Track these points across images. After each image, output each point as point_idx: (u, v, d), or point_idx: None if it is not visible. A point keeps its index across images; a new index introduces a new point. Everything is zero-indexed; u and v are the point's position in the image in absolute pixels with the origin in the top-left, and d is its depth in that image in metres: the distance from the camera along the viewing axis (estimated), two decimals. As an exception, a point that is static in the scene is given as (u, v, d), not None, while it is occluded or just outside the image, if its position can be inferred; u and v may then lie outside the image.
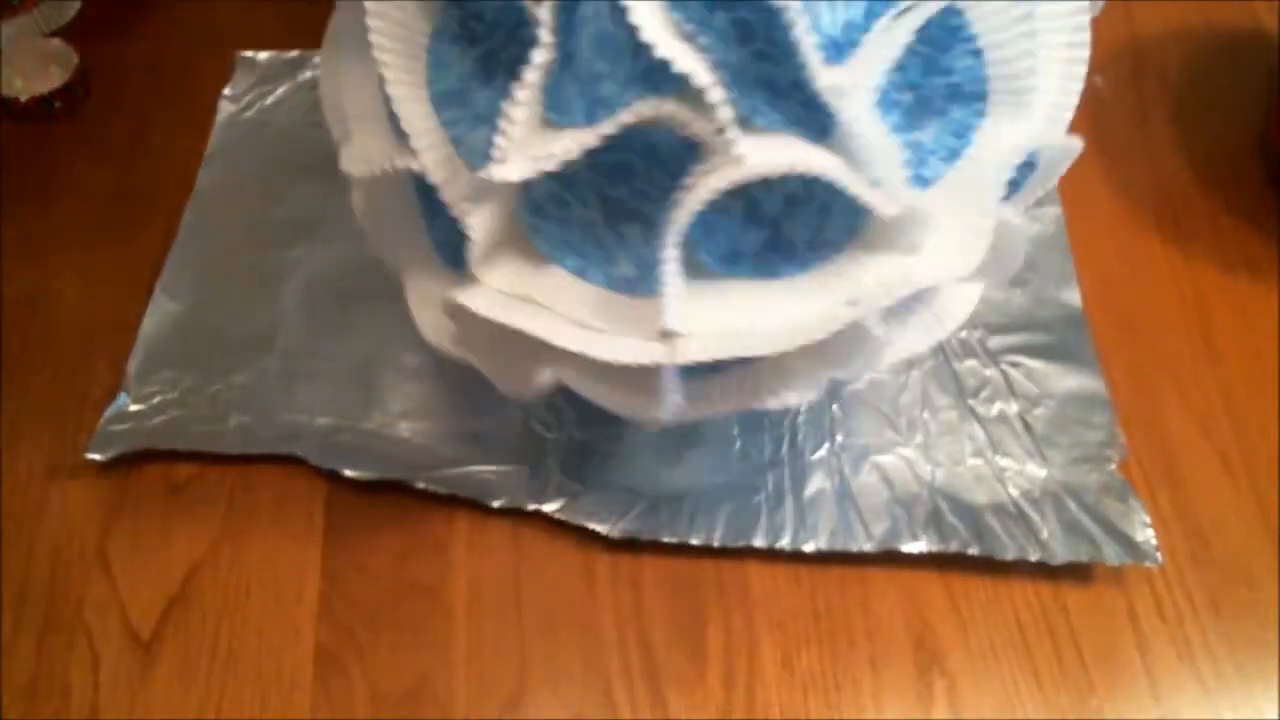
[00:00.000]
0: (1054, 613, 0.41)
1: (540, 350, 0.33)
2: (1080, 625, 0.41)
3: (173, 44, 0.56)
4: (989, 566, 0.42)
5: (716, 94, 0.27)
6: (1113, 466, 0.43)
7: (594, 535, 0.41)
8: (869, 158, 0.29)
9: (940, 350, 0.47)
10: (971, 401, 0.45)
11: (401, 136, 0.31)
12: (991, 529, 0.42)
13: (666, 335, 0.30)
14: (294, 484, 0.43)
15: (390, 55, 0.31)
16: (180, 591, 0.41)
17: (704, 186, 0.28)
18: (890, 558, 0.41)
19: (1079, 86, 0.33)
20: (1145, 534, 0.42)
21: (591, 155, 0.29)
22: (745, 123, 0.29)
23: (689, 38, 0.28)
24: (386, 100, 0.32)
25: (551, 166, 0.29)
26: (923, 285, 0.32)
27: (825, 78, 0.28)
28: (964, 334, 0.47)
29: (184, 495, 0.43)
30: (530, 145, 0.29)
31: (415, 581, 0.41)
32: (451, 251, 0.34)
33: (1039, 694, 0.40)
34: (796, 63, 0.28)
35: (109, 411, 0.43)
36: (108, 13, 0.56)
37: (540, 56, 0.28)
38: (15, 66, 0.52)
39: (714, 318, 0.31)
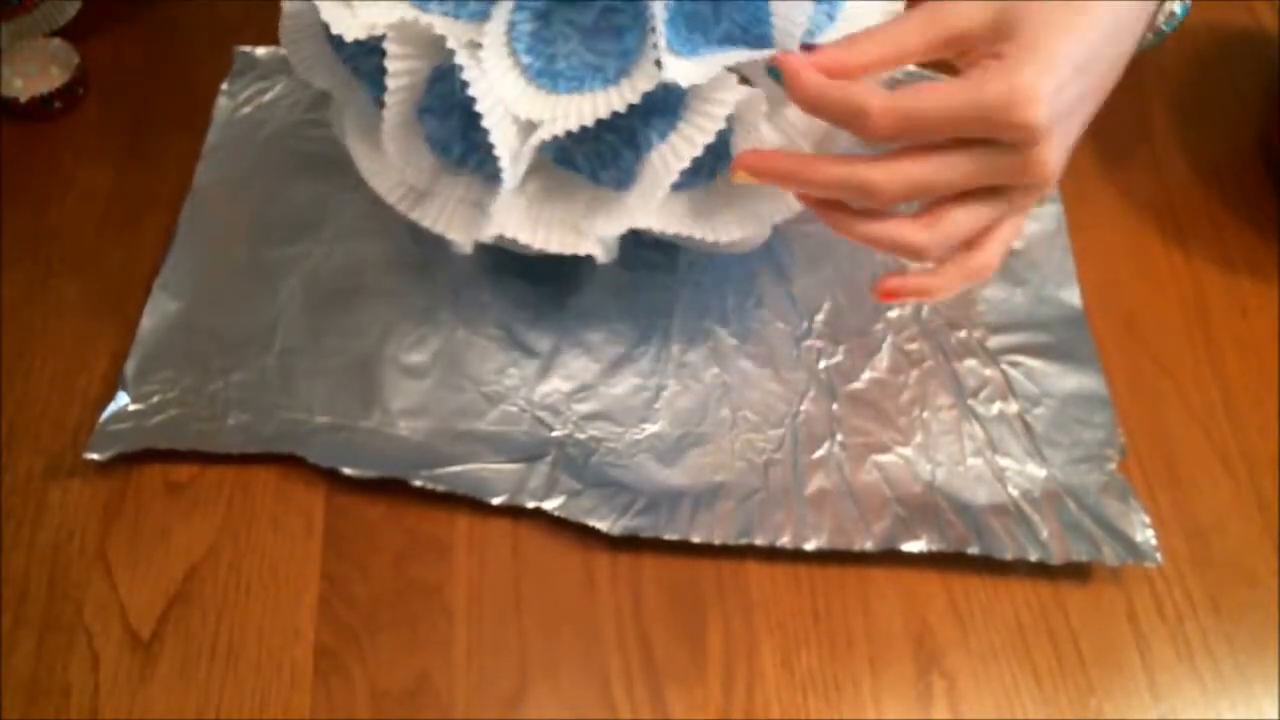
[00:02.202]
0: (1054, 613, 0.41)
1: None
2: (1080, 625, 0.41)
3: (172, 43, 0.56)
4: (989, 566, 0.42)
5: None
6: (1113, 466, 0.43)
7: (594, 534, 0.41)
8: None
9: (940, 350, 0.47)
10: (971, 401, 0.45)
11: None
12: (991, 528, 0.42)
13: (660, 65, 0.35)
14: (294, 483, 0.43)
15: None
16: (180, 591, 0.41)
17: None
18: (890, 557, 0.41)
19: None
20: (1145, 534, 0.42)
21: None
22: None
23: None
24: None
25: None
26: None
27: None
28: (964, 334, 0.47)
29: (183, 495, 0.43)
30: None
31: (415, 581, 0.41)
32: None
33: (1038, 694, 0.40)
34: None
35: (108, 411, 0.43)
36: (108, 13, 0.56)
37: None
38: (15, 66, 0.52)
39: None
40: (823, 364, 0.46)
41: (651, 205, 0.39)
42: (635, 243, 0.49)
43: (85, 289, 0.48)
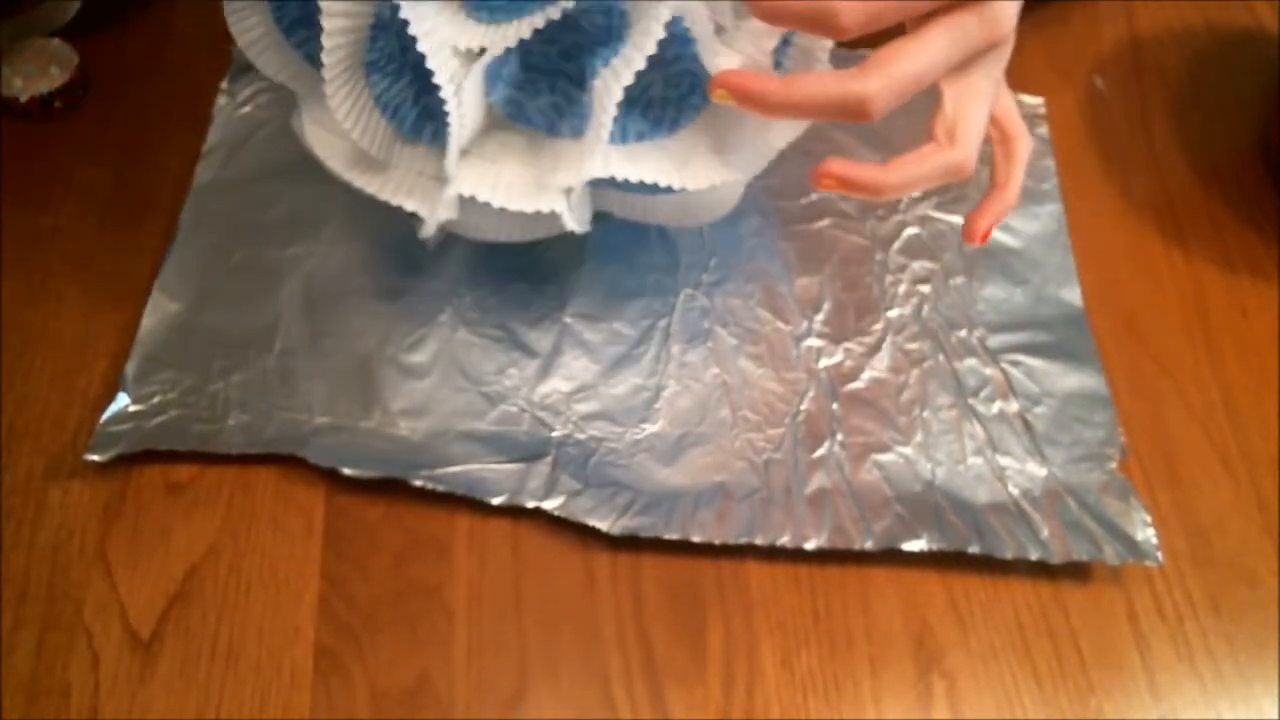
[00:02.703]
0: (1054, 612, 0.41)
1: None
2: (1080, 625, 0.41)
3: (173, 44, 0.56)
4: (989, 566, 0.42)
5: None
6: (1113, 466, 0.43)
7: (594, 534, 0.41)
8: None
9: (940, 349, 0.47)
10: (972, 400, 0.45)
11: None
12: (991, 527, 0.42)
13: None
14: (294, 483, 0.43)
15: None
16: (180, 591, 0.41)
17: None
18: (890, 557, 0.41)
19: None
20: (1145, 533, 0.42)
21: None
22: None
23: None
24: None
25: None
26: None
27: None
28: (964, 333, 0.47)
29: (184, 495, 0.43)
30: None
31: (415, 581, 0.41)
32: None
33: (1039, 694, 0.40)
34: None
35: (108, 412, 0.43)
36: (108, 13, 0.56)
37: None
38: (15, 66, 0.52)
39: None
40: (823, 364, 0.46)
41: (604, 137, 0.37)
42: (632, 240, 0.49)
43: (85, 289, 0.48)
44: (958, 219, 0.51)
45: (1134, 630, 0.41)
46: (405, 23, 0.35)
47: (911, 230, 0.50)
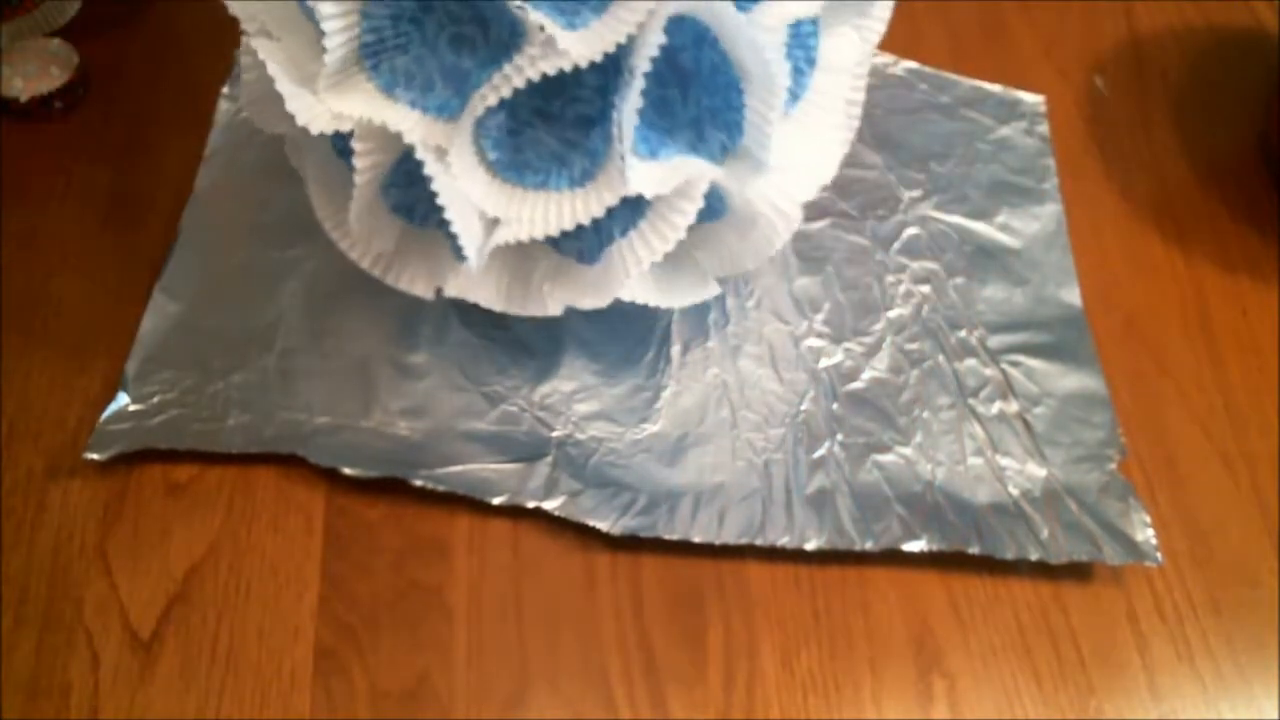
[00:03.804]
0: (1054, 613, 0.41)
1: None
2: (1080, 625, 0.41)
3: (172, 44, 0.56)
4: (989, 567, 0.42)
5: None
6: (1113, 466, 0.43)
7: (594, 534, 0.41)
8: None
9: (940, 350, 0.47)
10: (972, 401, 0.45)
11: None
12: (992, 528, 0.42)
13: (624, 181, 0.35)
14: (294, 483, 0.43)
15: None
16: (180, 591, 0.41)
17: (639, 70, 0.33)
18: (890, 557, 0.41)
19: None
20: (1145, 534, 0.42)
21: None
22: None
23: None
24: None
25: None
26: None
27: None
28: (964, 333, 0.47)
29: (184, 495, 0.43)
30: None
31: (415, 581, 0.41)
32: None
33: (1039, 694, 0.40)
34: None
35: (108, 411, 0.43)
36: (108, 13, 0.56)
37: None
38: (15, 66, 0.52)
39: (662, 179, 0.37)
40: (823, 364, 0.46)
41: (612, 292, 0.39)
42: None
43: (85, 289, 0.48)
44: (958, 219, 0.51)
45: (1134, 630, 0.41)
46: (433, 191, 0.35)
47: (911, 230, 0.50)
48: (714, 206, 0.39)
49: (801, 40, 0.39)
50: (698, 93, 0.36)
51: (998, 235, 0.50)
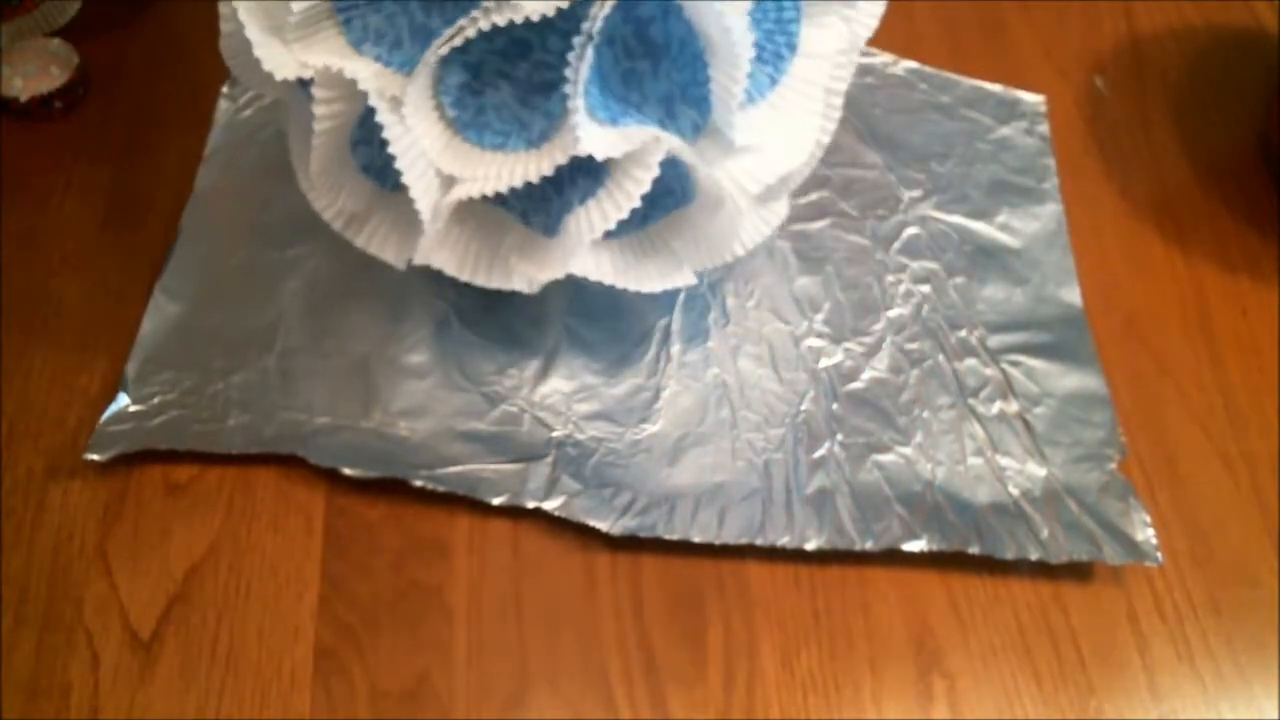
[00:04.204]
0: (1054, 613, 0.41)
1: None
2: (1080, 625, 0.41)
3: (173, 44, 0.56)
4: (989, 567, 0.42)
5: None
6: (1113, 466, 0.43)
7: (594, 534, 0.41)
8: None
9: (940, 349, 0.47)
10: (972, 401, 0.45)
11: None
12: (992, 528, 0.42)
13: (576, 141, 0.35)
14: (294, 484, 0.43)
15: None
16: (180, 591, 0.41)
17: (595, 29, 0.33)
18: (890, 557, 0.41)
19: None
20: (1145, 534, 0.42)
21: (490, 41, 0.35)
22: None
23: None
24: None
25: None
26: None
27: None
28: (964, 333, 0.47)
29: (184, 495, 0.43)
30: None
31: (415, 581, 0.41)
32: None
33: (1039, 694, 0.40)
34: None
35: (109, 412, 0.43)
36: (108, 13, 0.56)
37: None
38: (15, 66, 0.52)
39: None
40: (823, 364, 0.46)
41: (575, 261, 0.39)
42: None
43: (85, 289, 0.48)
44: (958, 219, 0.51)
45: (1134, 630, 0.41)
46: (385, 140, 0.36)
47: (911, 230, 0.50)
48: (685, 190, 0.39)
49: (783, 25, 0.39)
50: (667, 67, 0.37)
51: (998, 235, 0.50)
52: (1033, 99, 0.55)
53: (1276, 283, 0.50)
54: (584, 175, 0.37)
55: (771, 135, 0.39)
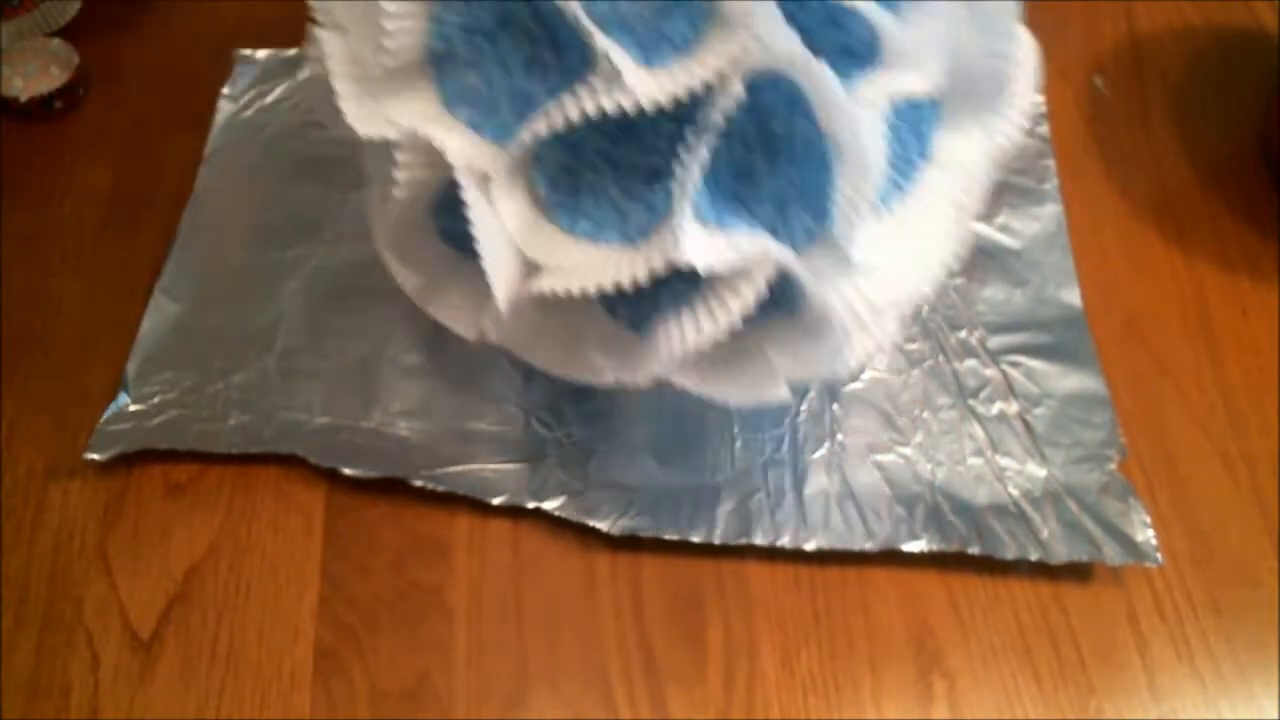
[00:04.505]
0: (1054, 613, 0.41)
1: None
2: (1080, 625, 0.41)
3: (173, 44, 0.56)
4: (989, 567, 0.42)
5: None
6: (1113, 466, 0.43)
7: (594, 533, 0.41)
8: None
9: (940, 350, 0.47)
10: (972, 401, 0.45)
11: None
12: (992, 528, 0.42)
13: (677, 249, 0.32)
14: (294, 484, 0.43)
15: None
16: (180, 591, 0.41)
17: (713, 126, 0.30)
18: (890, 558, 0.41)
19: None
20: (1145, 534, 0.42)
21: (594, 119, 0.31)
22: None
23: None
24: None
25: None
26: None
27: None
28: (964, 334, 0.47)
29: (184, 495, 0.43)
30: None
31: (415, 581, 0.41)
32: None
33: (1039, 694, 0.40)
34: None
35: (108, 411, 0.43)
36: (108, 13, 0.56)
37: None
38: (15, 66, 0.52)
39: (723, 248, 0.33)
40: (823, 364, 0.46)
41: (652, 371, 0.35)
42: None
43: (85, 289, 0.48)
44: (958, 219, 0.51)
45: (1134, 630, 0.41)
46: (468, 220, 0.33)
47: (912, 230, 0.50)
48: (790, 300, 0.34)
49: (916, 127, 0.35)
50: (786, 164, 0.33)
51: (998, 236, 0.50)
52: (1032, 100, 0.55)
53: (1276, 283, 0.50)
54: (681, 277, 0.33)
55: (893, 254, 0.35)
